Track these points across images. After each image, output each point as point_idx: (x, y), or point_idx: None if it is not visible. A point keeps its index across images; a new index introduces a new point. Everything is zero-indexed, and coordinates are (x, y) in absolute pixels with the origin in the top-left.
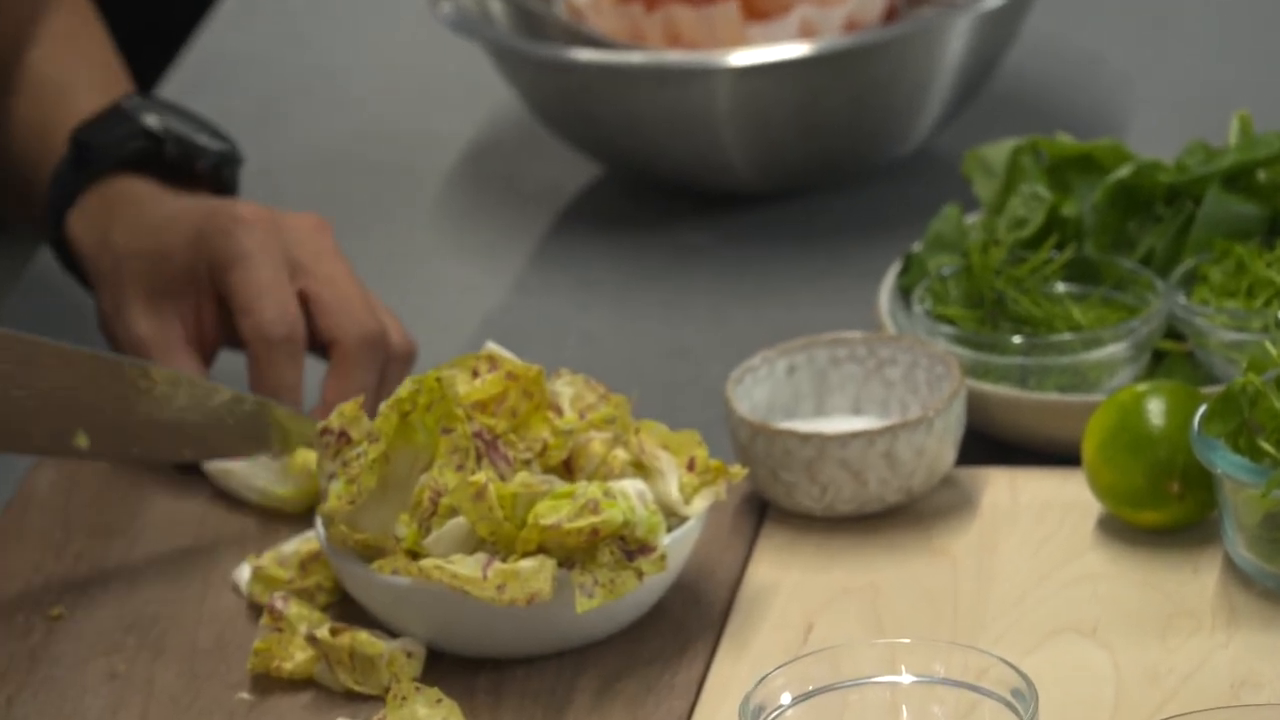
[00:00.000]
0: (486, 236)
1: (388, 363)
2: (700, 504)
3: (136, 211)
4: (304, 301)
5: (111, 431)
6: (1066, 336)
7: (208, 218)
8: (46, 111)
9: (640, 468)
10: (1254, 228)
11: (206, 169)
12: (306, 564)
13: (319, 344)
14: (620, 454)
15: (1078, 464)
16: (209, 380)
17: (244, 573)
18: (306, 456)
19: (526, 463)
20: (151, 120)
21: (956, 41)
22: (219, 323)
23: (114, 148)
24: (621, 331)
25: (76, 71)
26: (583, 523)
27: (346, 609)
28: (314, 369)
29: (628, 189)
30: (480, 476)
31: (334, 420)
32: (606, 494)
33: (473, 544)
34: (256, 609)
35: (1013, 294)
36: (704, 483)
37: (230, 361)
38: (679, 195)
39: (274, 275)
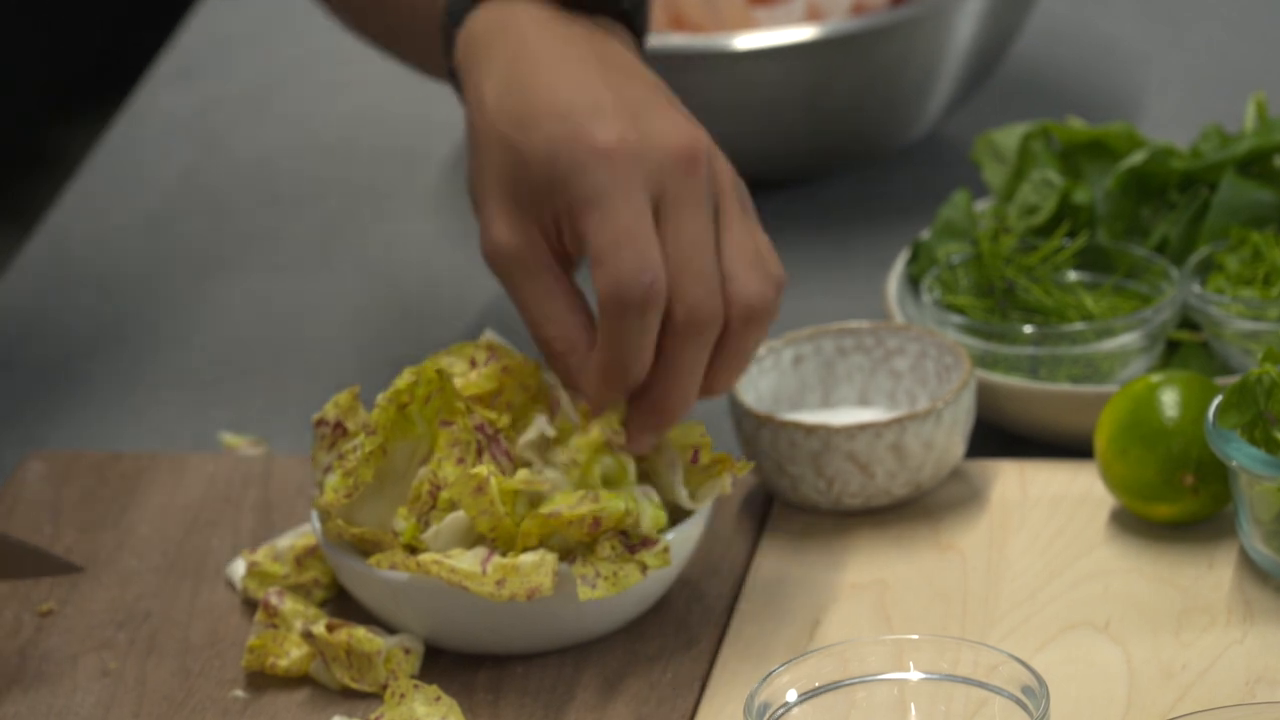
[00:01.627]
0: None
1: (737, 329)
2: (705, 498)
3: (512, 65)
4: None
5: None
6: (1078, 326)
7: (569, 141)
8: None
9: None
10: (1270, 214)
11: (617, 7)
12: (302, 559)
13: None
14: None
15: (1090, 457)
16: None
17: (238, 568)
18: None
19: (527, 463)
20: None
21: (966, 24)
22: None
23: None
24: None
25: None
26: (583, 510)
27: (343, 605)
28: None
29: None
30: (482, 469)
31: (329, 411)
32: (609, 484)
33: (472, 538)
34: (251, 604)
35: (1023, 283)
36: (709, 476)
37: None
38: None
39: (634, 225)
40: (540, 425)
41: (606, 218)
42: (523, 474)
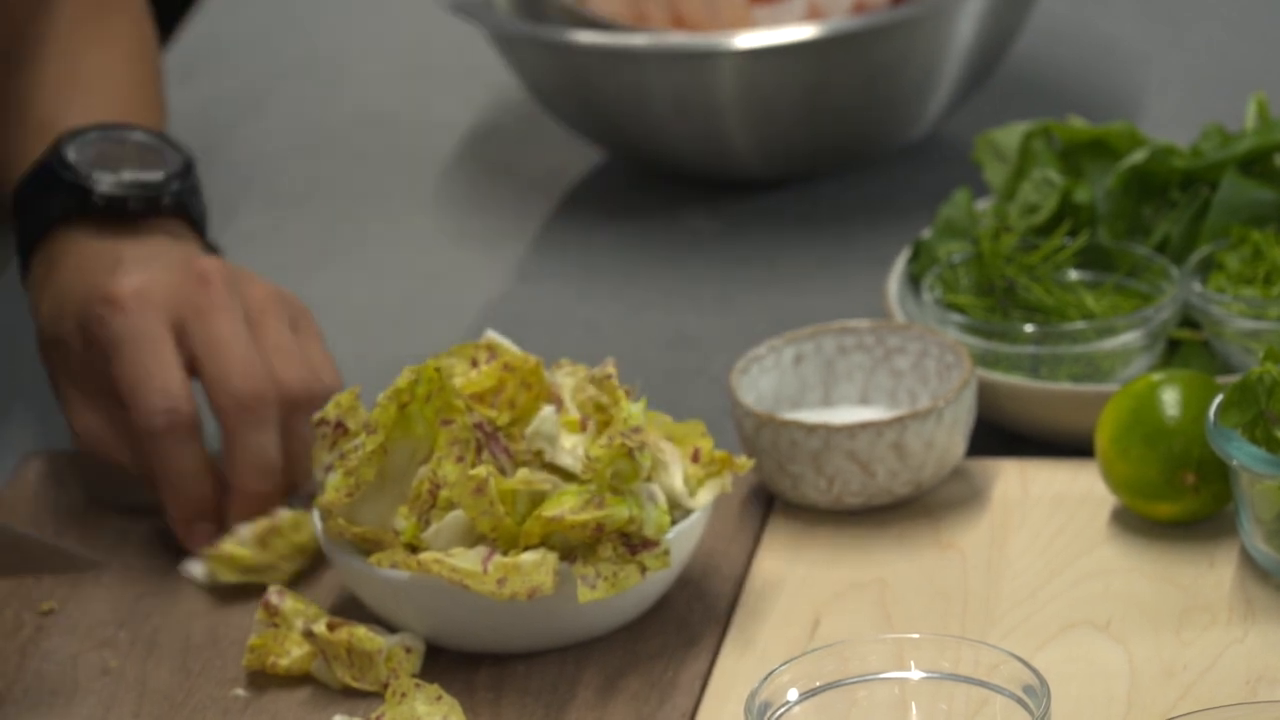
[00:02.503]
0: (487, 223)
1: (286, 416)
2: (705, 496)
3: (53, 285)
4: (193, 370)
5: None
6: (1079, 325)
7: (84, 304)
8: (29, 144)
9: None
10: (1271, 213)
11: (140, 207)
12: (265, 538)
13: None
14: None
15: (1091, 455)
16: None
17: (195, 568)
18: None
19: (526, 462)
20: (75, 172)
21: (967, 23)
22: None
23: (43, 209)
24: (624, 320)
25: (67, 94)
26: (586, 516)
27: (344, 604)
28: None
29: (631, 175)
30: (481, 470)
31: (330, 410)
32: (615, 490)
33: (473, 537)
34: (221, 593)
35: (1024, 282)
36: (709, 475)
37: None
38: (683, 181)
39: (151, 358)
40: (547, 414)
41: (124, 361)
42: (522, 473)
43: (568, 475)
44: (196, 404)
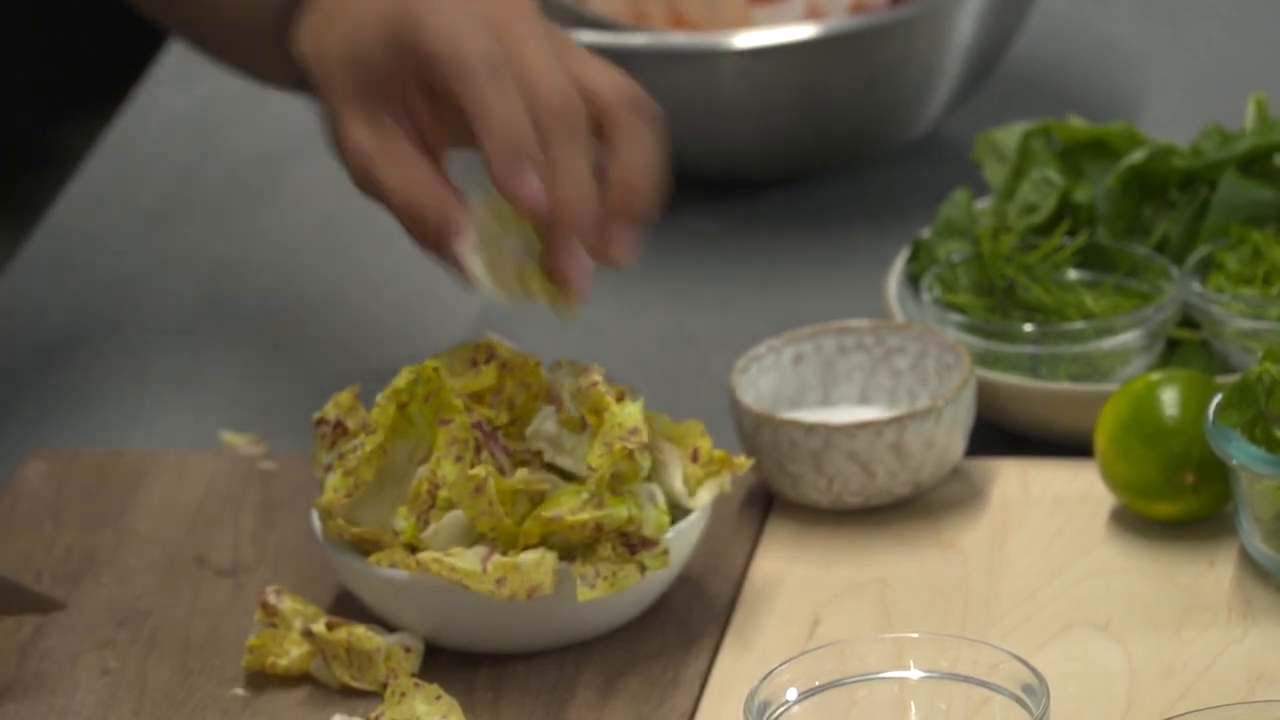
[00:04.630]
0: None
1: (605, 125)
2: (705, 496)
3: (341, 10)
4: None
5: None
6: (1079, 325)
7: (400, 13)
8: None
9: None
10: (1270, 213)
11: None
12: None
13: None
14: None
15: (1090, 455)
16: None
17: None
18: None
19: (525, 462)
20: None
21: (966, 23)
22: (443, 118)
23: None
24: (624, 320)
25: None
26: (585, 516)
27: (343, 603)
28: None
29: None
30: (480, 470)
31: (329, 410)
32: (614, 491)
33: (472, 537)
34: (249, 603)
35: (1024, 281)
36: (708, 474)
37: None
38: (683, 180)
39: (490, 45)
40: (547, 414)
41: (465, 83)
42: (521, 473)
43: (567, 475)
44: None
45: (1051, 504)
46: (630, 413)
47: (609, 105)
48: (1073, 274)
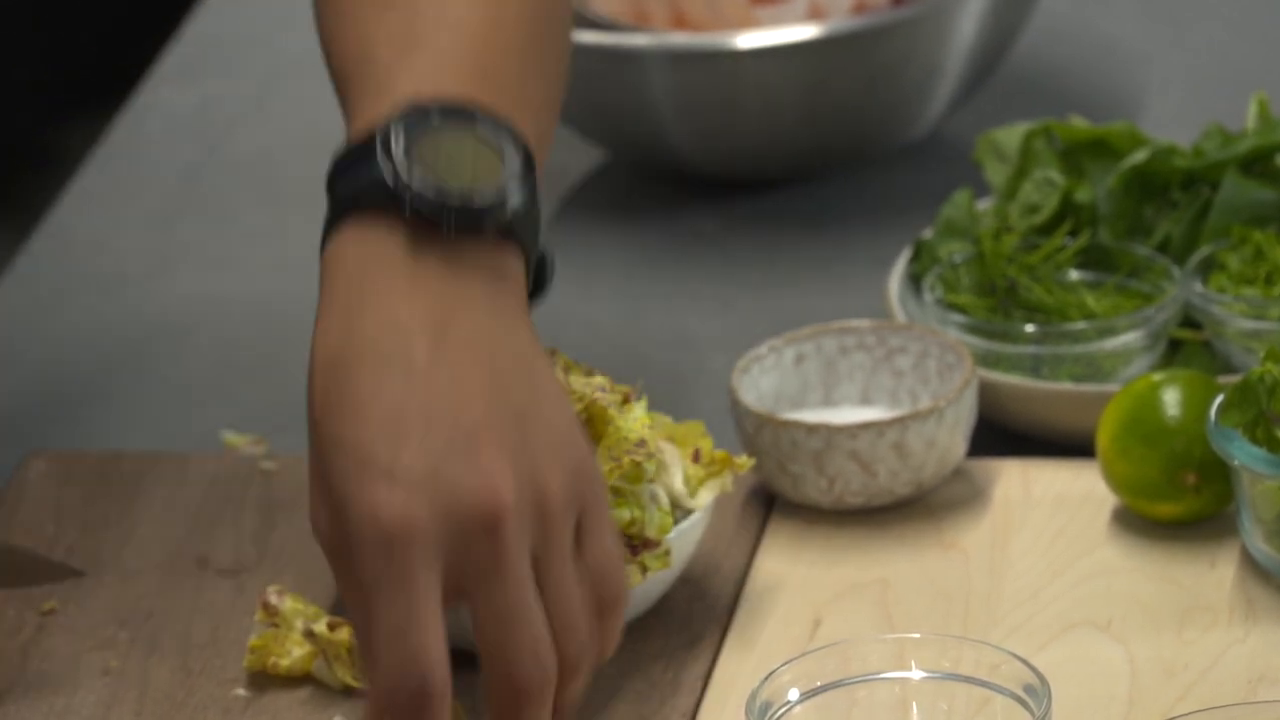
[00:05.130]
0: None
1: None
2: (706, 496)
3: (328, 333)
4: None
5: None
6: (1080, 325)
7: (352, 500)
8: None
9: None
10: (1272, 213)
11: (455, 226)
12: None
13: None
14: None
15: (1092, 455)
16: None
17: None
18: None
19: None
20: (392, 165)
21: (968, 23)
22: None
23: (347, 191)
24: (625, 320)
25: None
26: None
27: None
28: None
29: (632, 174)
30: None
31: None
32: (616, 493)
33: None
34: (250, 604)
35: (1025, 282)
36: (709, 474)
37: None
38: (684, 180)
39: (404, 616)
40: None
41: (378, 609)
42: None
43: None
44: (451, 679)
45: (1053, 504)
46: (635, 424)
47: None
48: (1074, 274)
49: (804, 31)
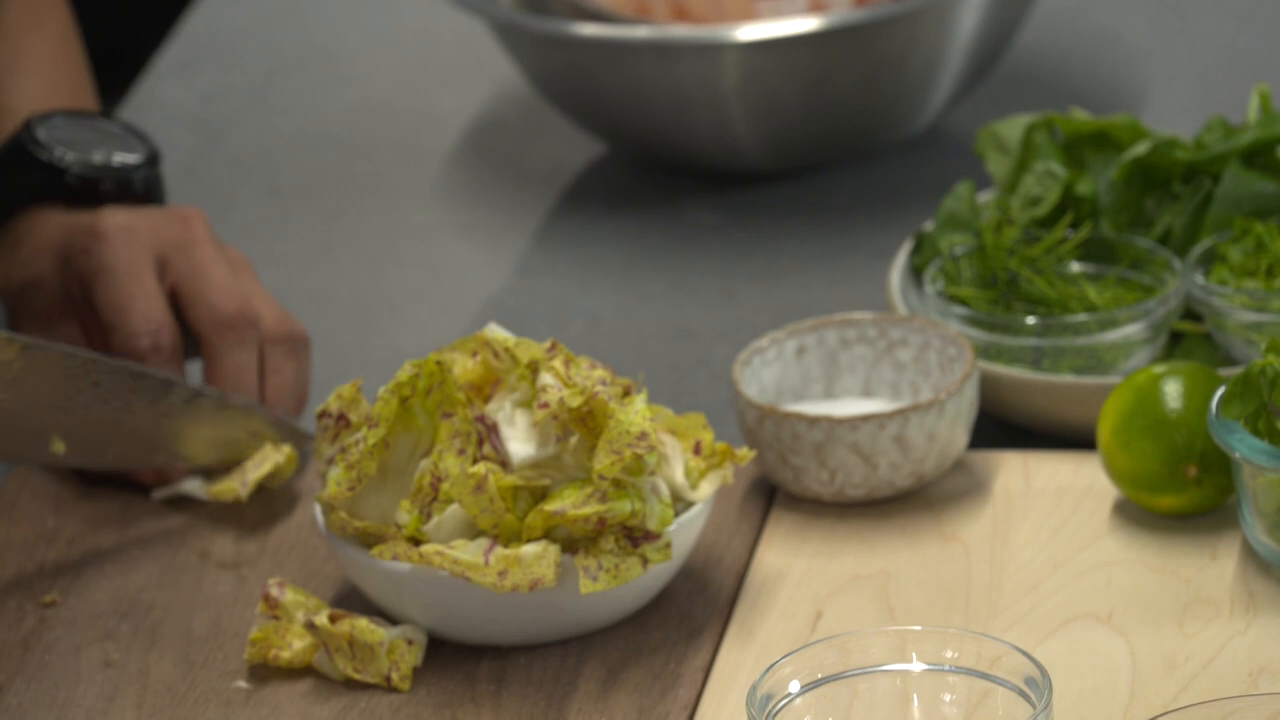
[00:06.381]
0: (489, 216)
1: (264, 345)
2: (707, 488)
3: (26, 245)
4: (175, 298)
5: (88, 436)
6: (1081, 317)
7: (68, 238)
8: None
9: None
10: (1274, 206)
11: (112, 189)
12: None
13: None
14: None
15: (1093, 448)
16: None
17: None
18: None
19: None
20: (50, 151)
21: (969, 16)
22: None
23: (13, 186)
24: (626, 312)
25: (18, 79)
26: (588, 510)
27: (345, 596)
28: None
29: (633, 167)
30: (480, 468)
31: (332, 403)
32: (618, 485)
33: (475, 529)
34: (251, 595)
35: (1026, 274)
36: (710, 466)
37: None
38: (685, 173)
39: (135, 284)
40: (504, 401)
41: (108, 288)
42: (522, 470)
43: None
44: (178, 330)
45: (1054, 496)
46: (636, 416)
47: (268, 331)
48: (1075, 266)
49: (805, 24)
